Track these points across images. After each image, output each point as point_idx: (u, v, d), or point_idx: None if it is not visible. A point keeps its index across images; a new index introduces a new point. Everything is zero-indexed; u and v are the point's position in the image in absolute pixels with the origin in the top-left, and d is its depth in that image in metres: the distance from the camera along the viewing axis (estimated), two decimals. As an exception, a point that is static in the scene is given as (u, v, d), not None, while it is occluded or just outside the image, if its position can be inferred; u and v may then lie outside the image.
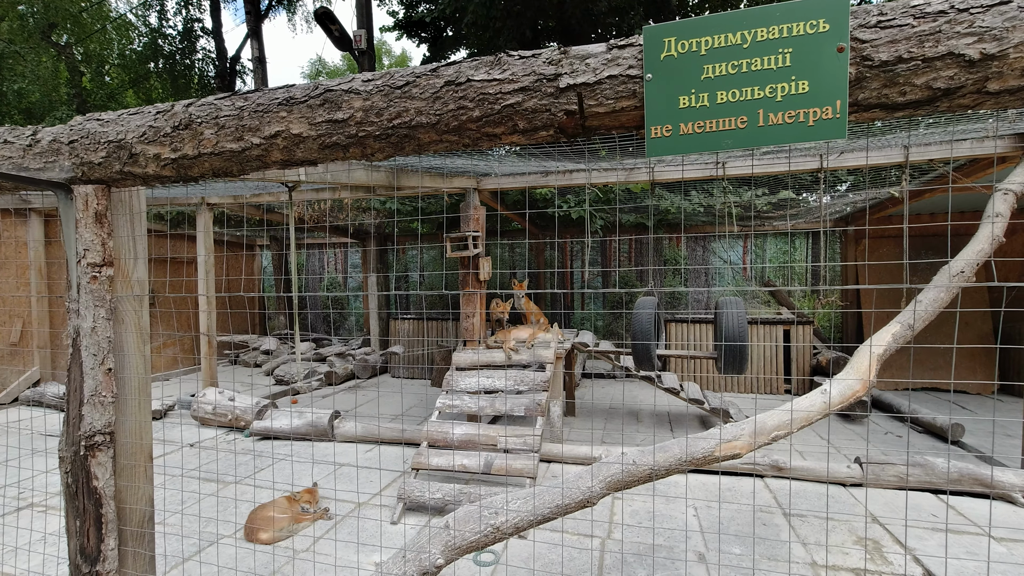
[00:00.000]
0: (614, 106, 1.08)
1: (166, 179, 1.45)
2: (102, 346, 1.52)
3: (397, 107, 1.20)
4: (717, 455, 2.50)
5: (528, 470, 3.67)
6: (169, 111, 1.39)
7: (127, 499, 1.61)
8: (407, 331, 8.67)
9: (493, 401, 4.28)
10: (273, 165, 1.36)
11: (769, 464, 4.20)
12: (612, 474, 2.35)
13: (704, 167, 4.41)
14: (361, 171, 3.48)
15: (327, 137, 1.27)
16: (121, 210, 1.60)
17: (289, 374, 8.15)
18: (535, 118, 1.13)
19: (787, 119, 0.95)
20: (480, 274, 4.89)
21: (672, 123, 1.02)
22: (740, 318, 4.30)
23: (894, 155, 4.08)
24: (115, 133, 1.43)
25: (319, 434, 5.20)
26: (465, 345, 5.10)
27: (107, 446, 1.54)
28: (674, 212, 7.06)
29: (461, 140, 1.21)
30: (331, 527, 3.44)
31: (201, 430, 5.57)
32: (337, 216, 8.21)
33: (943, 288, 3.21)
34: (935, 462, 3.94)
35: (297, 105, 1.27)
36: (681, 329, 7.32)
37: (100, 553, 1.53)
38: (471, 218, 4.79)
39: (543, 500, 2.22)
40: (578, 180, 4.69)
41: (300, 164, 1.36)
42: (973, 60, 0.88)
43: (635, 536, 3.26)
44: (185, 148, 1.37)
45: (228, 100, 1.33)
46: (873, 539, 3.22)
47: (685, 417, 5.94)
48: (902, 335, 3.01)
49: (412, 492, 3.59)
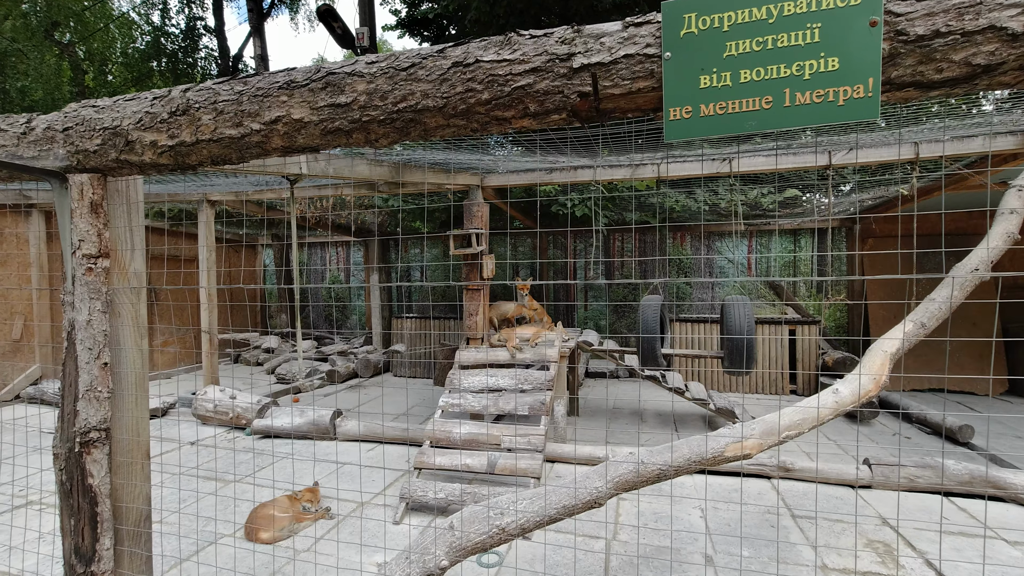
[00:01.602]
0: (630, 87, 1.02)
1: (163, 167, 1.41)
2: (97, 340, 1.47)
3: (402, 90, 1.15)
4: (728, 455, 2.44)
5: (533, 470, 3.61)
6: (166, 96, 1.34)
7: (123, 497, 1.56)
8: (410, 330, 8.62)
9: (497, 400, 4.23)
10: (273, 152, 1.32)
11: (776, 465, 4.13)
12: (621, 474, 2.30)
13: (712, 164, 4.35)
14: (364, 166, 3.43)
15: (329, 122, 1.22)
16: (118, 200, 1.56)
17: (291, 372, 8.11)
18: (547, 100, 1.08)
19: (815, 98, 0.90)
20: (484, 273, 4.84)
21: (692, 104, 0.97)
22: (748, 317, 4.24)
23: (904, 152, 4.01)
24: (111, 120, 1.39)
25: (321, 433, 5.16)
26: (468, 343, 5.05)
27: (103, 443, 1.49)
28: (679, 210, 7.00)
29: (469, 124, 1.16)
30: (333, 527, 3.40)
31: (202, 428, 5.53)
32: (340, 214, 8.18)
33: (956, 286, 3.15)
34: (946, 464, 3.88)
35: (298, 89, 1.22)
36: (686, 328, 7.25)
37: (95, 553, 1.49)
38: (475, 215, 4.74)
39: (550, 500, 2.17)
40: (584, 177, 4.63)
41: (302, 151, 1.31)
42: (1016, 34, 0.83)
43: (642, 538, 3.20)
44: (183, 135, 1.32)
45: (227, 84, 1.28)
46: (884, 542, 3.16)
47: (690, 417, 5.88)
48: (915, 334, 2.95)
49: (415, 492, 3.55)
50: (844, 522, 3.43)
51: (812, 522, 3.42)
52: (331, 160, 3.14)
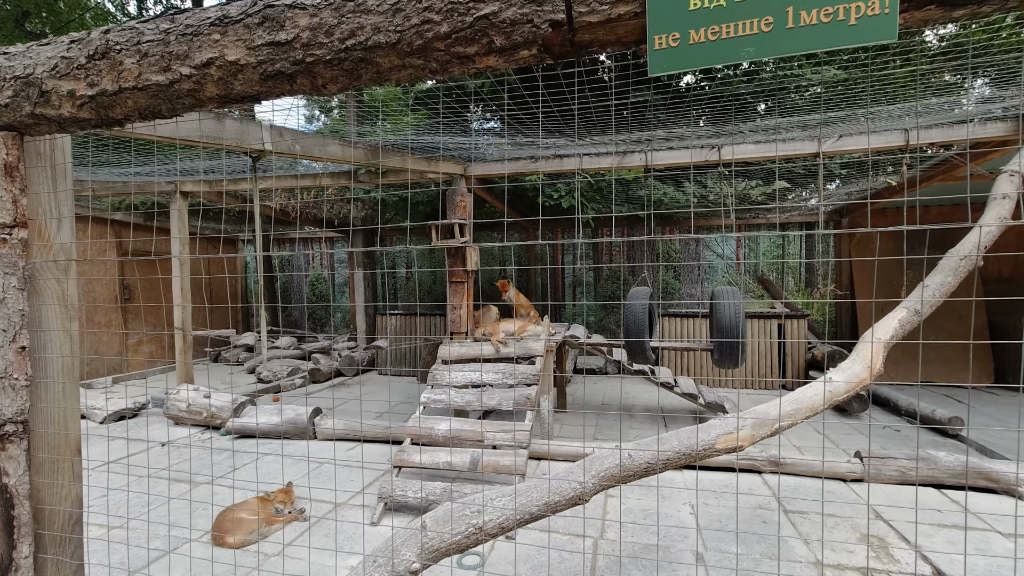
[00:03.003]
0: (609, 13, 0.89)
1: (85, 122, 1.24)
2: (13, 320, 1.30)
3: (350, 23, 1.00)
4: (718, 447, 2.32)
5: (517, 467, 3.47)
6: (84, 39, 1.17)
7: (47, 499, 1.39)
8: (394, 327, 8.44)
9: (480, 395, 4.08)
10: (209, 102, 1.16)
11: (767, 459, 4.04)
12: (606, 468, 2.17)
13: (700, 151, 4.25)
14: (336, 146, 3.23)
15: (269, 64, 1.06)
16: (39, 163, 1.38)
17: (272, 372, 7.88)
18: (514, 32, 0.93)
19: (823, 17, 0.77)
20: (468, 264, 4.69)
21: (680, 30, 0.84)
22: (737, 308, 4.14)
23: (894, 139, 3.95)
24: (23, 67, 1.22)
25: (299, 432, 4.96)
26: (452, 338, 4.89)
27: (20, 436, 1.32)
28: (667, 203, 6.91)
29: (427, 64, 1.02)
30: (306, 529, 3.22)
31: (175, 429, 5.30)
32: (319, 204, 7.95)
33: (950, 271, 3.07)
34: (937, 456, 3.81)
35: (232, 25, 1.06)
36: (674, 323, 7.17)
37: (12, 561, 1.31)
38: (458, 205, 4.58)
39: (531, 497, 2.03)
40: (569, 165, 4.50)
41: (241, 100, 1.15)
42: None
43: (630, 535, 3.08)
44: (103, 82, 1.16)
45: (151, 23, 1.12)
46: (878, 536, 3.07)
47: (679, 413, 5.78)
48: (909, 321, 2.86)
49: (394, 491, 3.38)
50: (837, 516, 3.34)
51: (804, 517, 3.33)
52: (298, 138, 2.95)
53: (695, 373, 6.96)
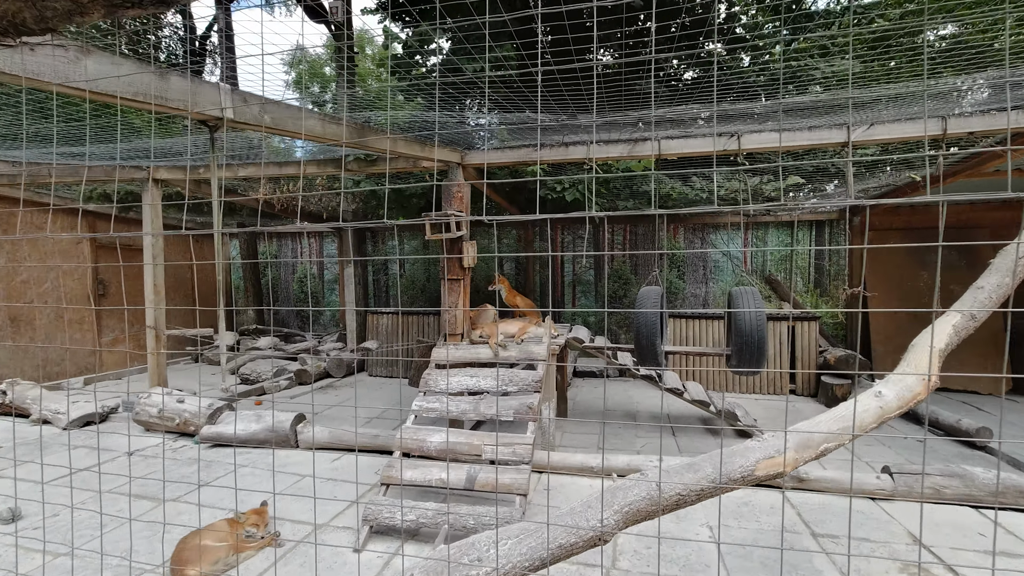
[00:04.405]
0: None
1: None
2: None
3: None
4: (758, 474, 1.98)
5: (518, 485, 3.12)
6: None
7: None
8: (386, 327, 8.06)
9: (477, 404, 3.72)
10: (94, 8, 0.79)
11: (790, 475, 3.72)
12: (631, 502, 1.82)
13: (717, 140, 3.91)
14: (315, 121, 2.85)
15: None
16: None
17: (256, 372, 7.47)
18: None
19: None
20: (464, 260, 4.32)
21: None
22: (759, 311, 3.82)
23: (931, 127, 3.63)
24: None
25: (280, 440, 4.58)
26: (447, 340, 4.53)
27: None
28: (675, 197, 6.57)
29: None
30: (281, 556, 2.86)
31: (144, 437, 4.89)
32: (308, 201, 7.55)
33: (1007, 272, 2.75)
34: (975, 472, 3.51)
35: None
36: (680, 324, 6.85)
37: None
38: (454, 196, 4.22)
39: (541, 539, 1.68)
40: (576, 155, 4.15)
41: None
42: None
43: (644, 565, 2.74)
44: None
45: None
46: (920, 565, 2.75)
47: (686, 419, 5.46)
48: (964, 327, 2.53)
49: (380, 513, 3.02)
50: (872, 541, 3.02)
51: (836, 542, 3.00)
52: (268, 107, 2.56)
53: (700, 378, 6.64)
